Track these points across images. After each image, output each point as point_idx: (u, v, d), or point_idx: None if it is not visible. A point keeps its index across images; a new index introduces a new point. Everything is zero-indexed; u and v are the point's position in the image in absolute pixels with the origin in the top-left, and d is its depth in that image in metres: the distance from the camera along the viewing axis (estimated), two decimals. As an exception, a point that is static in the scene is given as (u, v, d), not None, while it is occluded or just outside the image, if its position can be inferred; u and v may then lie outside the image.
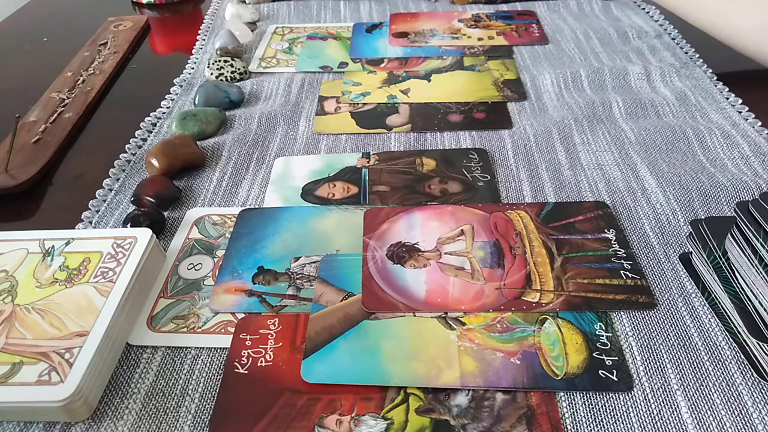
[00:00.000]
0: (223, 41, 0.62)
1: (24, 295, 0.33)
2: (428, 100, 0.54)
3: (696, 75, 0.55)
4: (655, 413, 0.29)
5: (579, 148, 0.47)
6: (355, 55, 0.62)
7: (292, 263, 0.37)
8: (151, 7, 0.78)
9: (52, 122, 0.53)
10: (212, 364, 0.32)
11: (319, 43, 0.65)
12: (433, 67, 0.59)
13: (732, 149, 0.45)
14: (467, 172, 0.45)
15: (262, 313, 0.34)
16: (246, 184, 0.45)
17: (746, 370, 0.30)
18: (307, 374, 0.30)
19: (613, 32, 0.64)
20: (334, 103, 0.54)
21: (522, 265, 0.36)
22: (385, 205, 0.42)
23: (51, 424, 0.29)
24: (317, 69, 0.60)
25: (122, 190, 0.45)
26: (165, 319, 0.34)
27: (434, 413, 0.29)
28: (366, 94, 0.55)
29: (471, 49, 0.62)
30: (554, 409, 0.29)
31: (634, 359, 0.31)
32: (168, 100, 0.56)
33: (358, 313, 0.34)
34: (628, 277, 0.35)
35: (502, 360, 0.31)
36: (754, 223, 0.30)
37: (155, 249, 0.37)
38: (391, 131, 0.50)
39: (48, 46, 0.70)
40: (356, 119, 0.52)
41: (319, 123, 0.52)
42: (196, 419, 0.29)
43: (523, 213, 0.40)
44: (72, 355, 0.30)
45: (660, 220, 0.40)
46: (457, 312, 0.34)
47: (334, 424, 0.29)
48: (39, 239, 0.37)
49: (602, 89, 0.54)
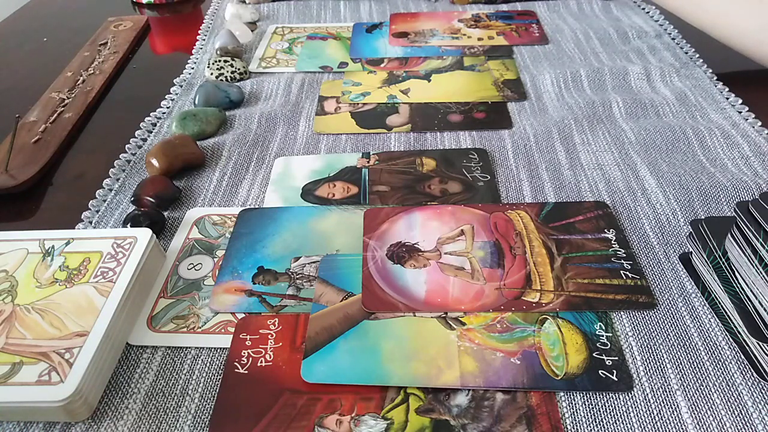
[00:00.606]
0: (223, 41, 0.62)
1: (24, 295, 0.33)
2: (428, 100, 0.54)
3: (696, 75, 0.55)
4: (655, 413, 0.29)
5: (579, 148, 0.47)
6: (355, 55, 0.62)
7: (292, 263, 0.37)
8: (151, 7, 0.78)
9: (52, 122, 0.53)
10: (212, 364, 0.32)
11: (319, 43, 0.65)
12: (433, 67, 0.59)
13: (732, 149, 0.45)
14: (467, 172, 0.45)
15: (262, 313, 0.34)
16: (246, 184, 0.45)
17: (746, 370, 0.30)
18: (307, 374, 0.30)
19: (613, 32, 0.64)
20: (334, 103, 0.54)
21: (522, 265, 0.36)
22: (385, 205, 0.42)
23: (51, 424, 0.29)
24: (317, 69, 0.60)
25: (122, 190, 0.45)
26: (165, 319, 0.34)
27: (434, 413, 0.29)
28: (366, 94, 0.55)
29: (471, 49, 0.62)
30: (554, 409, 0.29)
31: (634, 359, 0.31)
32: (168, 100, 0.56)
33: (358, 313, 0.34)
34: (628, 277, 0.35)
35: (502, 360, 0.31)
36: (754, 223, 0.30)
37: (155, 249, 0.37)
38: (391, 131, 0.50)
39: (48, 46, 0.70)
40: (356, 119, 0.52)
41: (319, 123, 0.52)
42: (196, 419, 0.29)
43: (523, 213, 0.40)
44: (72, 355, 0.30)
45: (660, 220, 0.40)
46: (457, 312, 0.34)
47: (334, 424, 0.29)
48: (39, 239, 0.37)
49: (602, 89, 0.54)
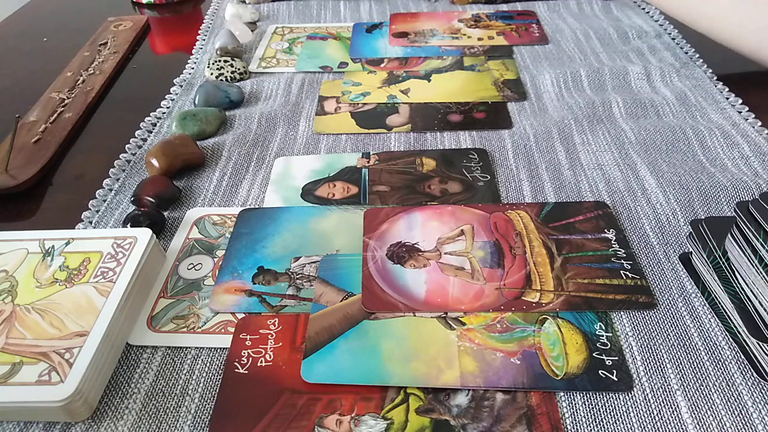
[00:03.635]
0: (223, 41, 0.62)
1: (24, 295, 0.33)
2: (428, 100, 0.54)
3: (696, 75, 0.55)
4: (655, 413, 0.29)
5: (579, 148, 0.47)
6: (355, 55, 0.62)
7: (292, 263, 0.37)
8: (151, 7, 0.78)
9: (52, 122, 0.53)
10: (212, 364, 0.32)
11: (319, 43, 0.65)
12: (433, 67, 0.59)
13: (732, 149, 0.45)
14: (467, 172, 0.45)
15: (262, 313, 0.34)
16: (246, 184, 0.45)
17: (746, 370, 0.30)
18: (307, 374, 0.30)
19: (613, 32, 0.64)
20: (334, 103, 0.54)
21: (522, 265, 0.36)
22: (385, 205, 0.42)
23: (51, 424, 0.29)
24: (317, 69, 0.60)
25: (122, 190, 0.45)
26: (165, 319, 0.34)
27: (434, 413, 0.29)
28: (366, 94, 0.55)
29: (471, 49, 0.62)
30: (554, 409, 0.29)
31: (634, 359, 0.31)
32: (168, 100, 0.56)
33: (358, 313, 0.34)
34: (628, 277, 0.35)
35: (502, 360, 0.31)
36: (754, 223, 0.30)
37: (155, 249, 0.37)
38: (391, 131, 0.50)
39: (48, 46, 0.70)
40: (356, 119, 0.52)
41: (319, 123, 0.52)
42: (196, 419, 0.29)
43: (523, 213, 0.40)
44: (72, 355, 0.30)
45: (660, 220, 0.40)
46: (457, 312, 0.34)
47: (334, 424, 0.29)
48: (39, 239, 0.37)
49: (602, 89, 0.54)
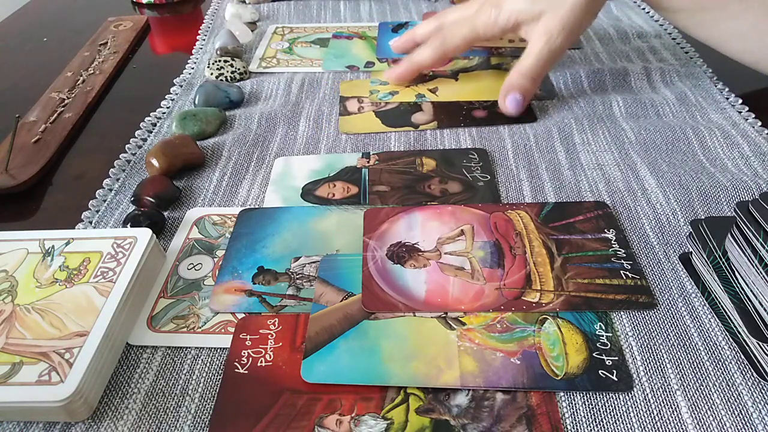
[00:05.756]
0: (223, 41, 0.62)
1: (24, 295, 0.33)
2: (457, 99, 0.53)
3: (696, 75, 0.55)
4: (655, 413, 0.29)
5: (579, 148, 0.47)
6: (383, 56, 0.61)
7: (292, 263, 0.37)
8: (151, 7, 0.78)
9: (52, 122, 0.53)
10: (212, 364, 0.32)
11: (345, 42, 0.65)
12: (460, 66, 0.59)
13: (732, 149, 0.45)
14: (467, 172, 0.45)
15: (262, 313, 0.34)
16: (246, 184, 0.45)
17: (746, 370, 0.30)
18: (307, 374, 0.30)
19: (613, 32, 0.64)
20: (356, 103, 0.54)
21: (522, 265, 0.36)
22: (385, 205, 0.42)
23: (51, 424, 0.29)
24: (344, 68, 0.60)
25: (122, 190, 0.45)
26: (165, 319, 0.34)
27: (434, 413, 0.29)
28: (394, 93, 0.55)
29: (499, 50, 0.61)
30: (554, 409, 0.29)
31: (634, 359, 0.31)
32: (168, 100, 0.56)
33: (358, 313, 0.34)
34: (628, 277, 0.35)
35: (502, 360, 0.31)
36: (754, 223, 0.30)
37: (155, 249, 0.37)
38: (417, 129, 0.50)
39: (48, 46, 0.70)
40: (381, 118, 0.52)
41: (345, 124, 0.51)
42: (196, 419, 0.29)
43: (523, 213, 0.40)
44: (72, 355, 0.30)
45: (660, 220, 0.40)
46: (457, 312, 0.33)
47: (334, 424, 0.29)
48: (39, 239, 0.37)
49: (602, 89, 0.54)
